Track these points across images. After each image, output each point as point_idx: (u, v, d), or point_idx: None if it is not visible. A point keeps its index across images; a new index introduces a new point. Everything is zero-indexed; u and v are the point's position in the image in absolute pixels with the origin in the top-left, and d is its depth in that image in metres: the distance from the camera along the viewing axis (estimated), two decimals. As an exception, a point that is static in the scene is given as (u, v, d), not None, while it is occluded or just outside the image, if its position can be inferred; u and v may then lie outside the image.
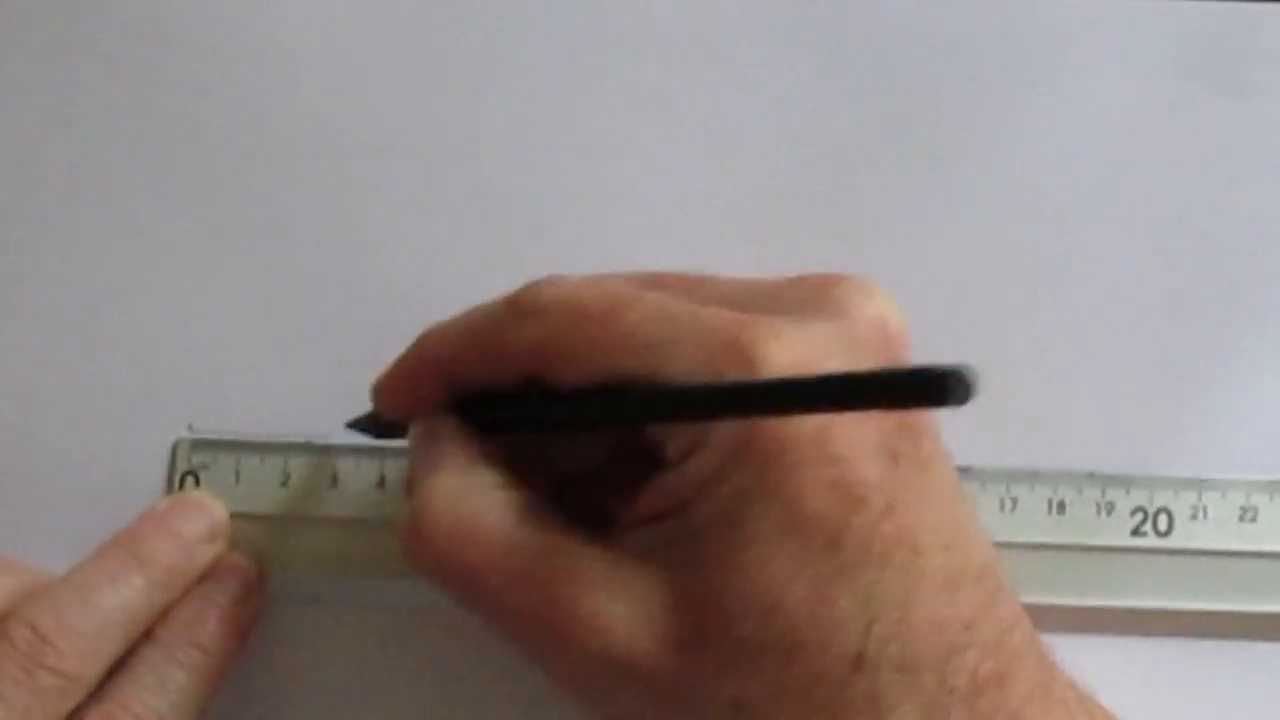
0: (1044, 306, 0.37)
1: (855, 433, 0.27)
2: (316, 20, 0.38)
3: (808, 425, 0.27)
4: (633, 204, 0.38)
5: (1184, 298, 0.37)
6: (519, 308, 0.30)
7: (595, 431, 0.32)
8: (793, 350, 0.27)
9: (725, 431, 0.27)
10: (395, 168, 0.38)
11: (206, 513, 0.34)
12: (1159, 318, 0.37)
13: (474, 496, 0.29)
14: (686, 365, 0.27)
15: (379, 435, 0.34)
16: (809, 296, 0.29)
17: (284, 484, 0.35)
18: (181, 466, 0.35)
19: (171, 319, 0.37)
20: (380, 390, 0.33)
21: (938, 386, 0.22)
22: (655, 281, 0.31)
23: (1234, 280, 0.37)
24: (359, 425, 0.35)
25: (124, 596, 0.31)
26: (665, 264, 0.37)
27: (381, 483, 0.35)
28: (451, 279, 0.37)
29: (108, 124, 0.38)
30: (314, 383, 0.36)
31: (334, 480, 0.35)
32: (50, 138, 0.38)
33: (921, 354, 0.36)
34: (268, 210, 0.37)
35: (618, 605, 0.28)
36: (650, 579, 0.28)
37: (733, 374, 0.27)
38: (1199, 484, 0.35)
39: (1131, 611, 0.35)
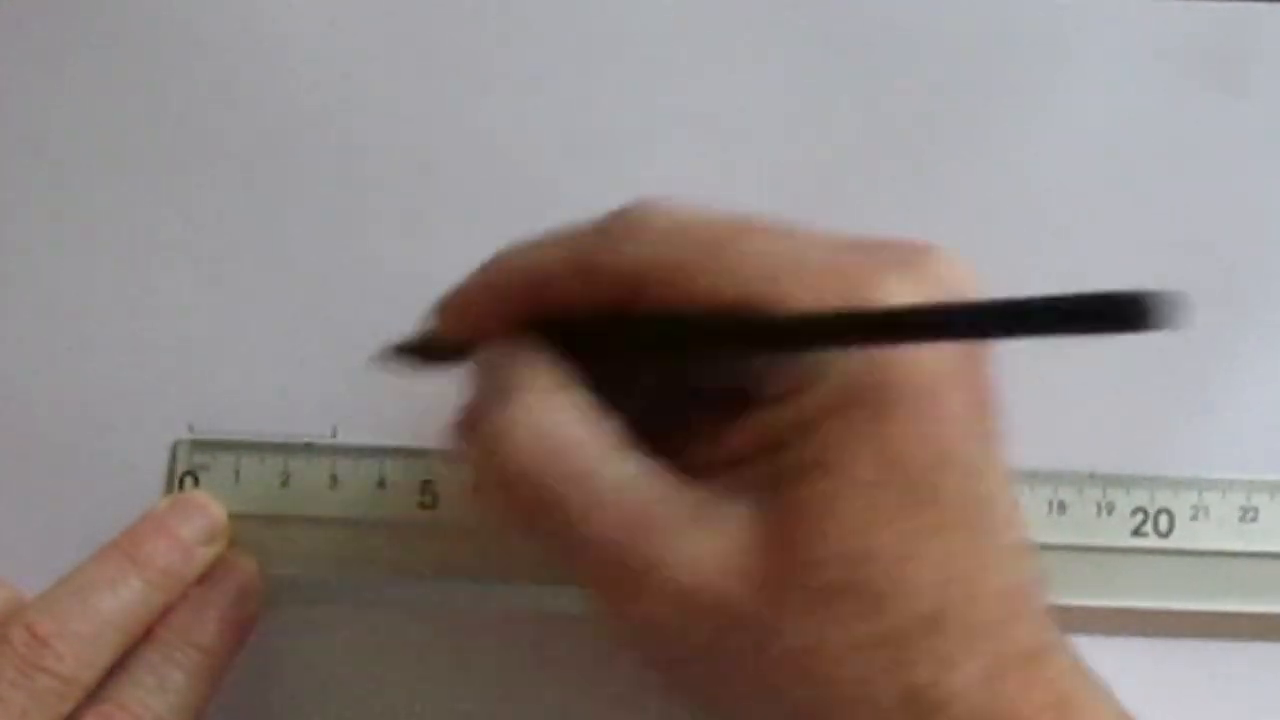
0: (1044, 306, 0.37)
1: (962, 398, 0.27)
2: (317, 19, 0.38)
3: (919, 379, 0.27)
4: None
5: (1184, 297, 0.37)
6: (620, 227, 0.28)
7: (688, 364, 0.30)
8: (911, 294, 0.27)
9: (834, 376, 0.27)
10: (395, 167, 0.38)
11: (205, 514, 0.34)
12: (1159, 318, 0.37)
13: (564, 419, 0.28)
14: (804, 299, 0.26)
15: (428, 362, 0.32)
16: (902, 257, 0.28)
17: (284, 484, 0.35)
18: (181, 467, 0.35)
19: (171, 319, 0.37)
20: (448, 307, 0.31)
21: (1136, 308, 0.21)
22: (750, 223, 0.29)
23: (1234, 280, 0.37)
24: (405, 350, 0.32)
25: (122, 599, 0.31)
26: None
27: (382, 483, 0.35)
28: (451, 279, 0.37)
29: (107, 124, 0.38)
30: (314, 383, 0.36)
31: (334, 481, 0.35)
32: (49, 138, 0.38)
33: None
34: (268, 210, 0.37)
35: (707, 543, 0.27)
36: (741, 518, 0.27)
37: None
38: (1199, 484, 0.35)
39: (1131, 611, 0.35)
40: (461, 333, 0.31)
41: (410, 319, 0.36)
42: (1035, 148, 0.38)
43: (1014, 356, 0.37)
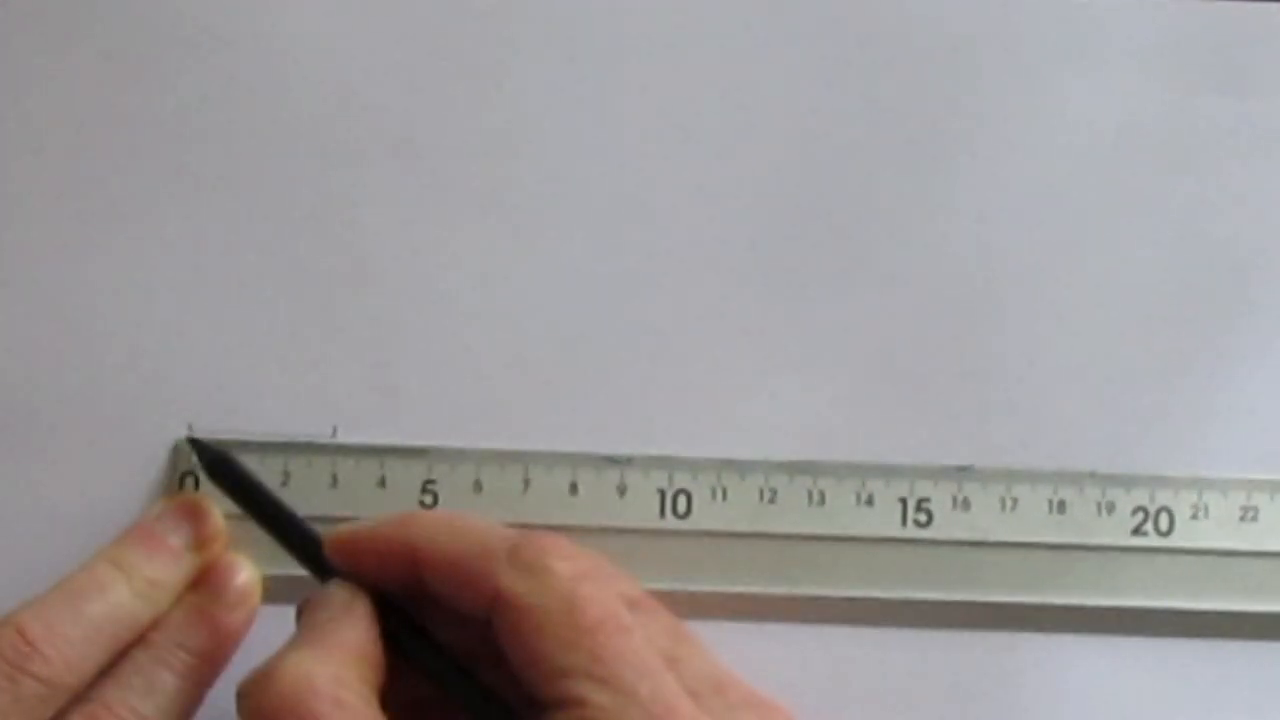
0: (1044, 305, 0.37)
1: None
2: (318, 18, 0.38)
3: None
4: (633, 203, 0.38)
5: (1184, 297, 0.37)
6: (523, 563, 0.29)
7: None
8: None
9: None
10: (397, 168, 0.38)
11: (199, 518, 0.34)
12: (1159, 317, 0.37)
13: (332, 677, 0.29)
14: None
15: (308, 563, 0.33)
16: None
17: (284, 484, 0.35)
18: (182, 467, 0.35)
19: (172, 319, 0.37)
20: (340, 543, 0.32)
21: None
22: (642, 605, 0.31)
23: (1234, 280, 0.37)
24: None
25: (111, 605, 0.32)
26: (664, 263, 0.37)
27: (382, 482, 0.35)
28: (452, 279, 0.37)
29: (108, 123, 0.38)
30: (314, 383, 0.36)
31: (334, 480, 0.35)
32: (50, 136, 0.38)
33: (923, 355, 0.37)
34: (268, 210, 0.37)
35: None
36: None
37: None
38: (1200, 483, 0.35)
39: (1131, 611, 0.35)
40: (337, 564, 0.32)
41: (410, 319, 0.36)
42: (1036, 147, 0.38)
43: (1015, 356, 0.37)
